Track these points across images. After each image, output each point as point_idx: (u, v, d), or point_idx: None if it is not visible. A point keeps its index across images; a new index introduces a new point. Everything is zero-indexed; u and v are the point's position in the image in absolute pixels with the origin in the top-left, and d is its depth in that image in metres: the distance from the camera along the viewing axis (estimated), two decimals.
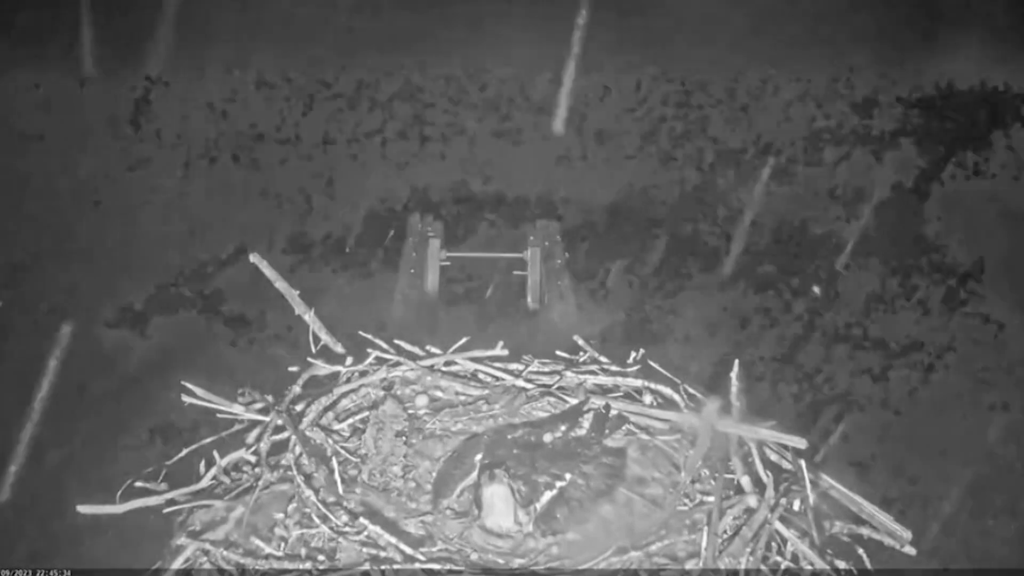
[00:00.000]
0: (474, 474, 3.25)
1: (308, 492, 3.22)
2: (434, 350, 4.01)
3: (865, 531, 3.26)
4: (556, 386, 3.77)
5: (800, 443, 3.41)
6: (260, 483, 3.31)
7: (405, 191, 5.25)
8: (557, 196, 5.34)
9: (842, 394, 3.92)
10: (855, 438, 3.72)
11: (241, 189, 4.82)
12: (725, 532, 3.17)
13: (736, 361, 3.50)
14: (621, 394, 3.77)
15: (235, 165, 4.84)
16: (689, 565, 3.05)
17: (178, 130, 4.87)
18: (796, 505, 3.27)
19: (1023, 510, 3.37)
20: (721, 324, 4.23)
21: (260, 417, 3.62)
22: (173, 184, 4.76)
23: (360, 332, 4.02)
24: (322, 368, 3.86)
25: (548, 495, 3.17)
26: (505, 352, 3.94)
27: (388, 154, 5.29)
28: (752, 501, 3.24)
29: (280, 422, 3.52)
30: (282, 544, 3.11)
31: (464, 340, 3.99)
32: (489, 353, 3.94)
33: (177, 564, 3.06)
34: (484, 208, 5.22)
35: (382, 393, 3.76)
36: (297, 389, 3.73)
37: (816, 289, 3.84)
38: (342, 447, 3.51)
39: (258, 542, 3.08)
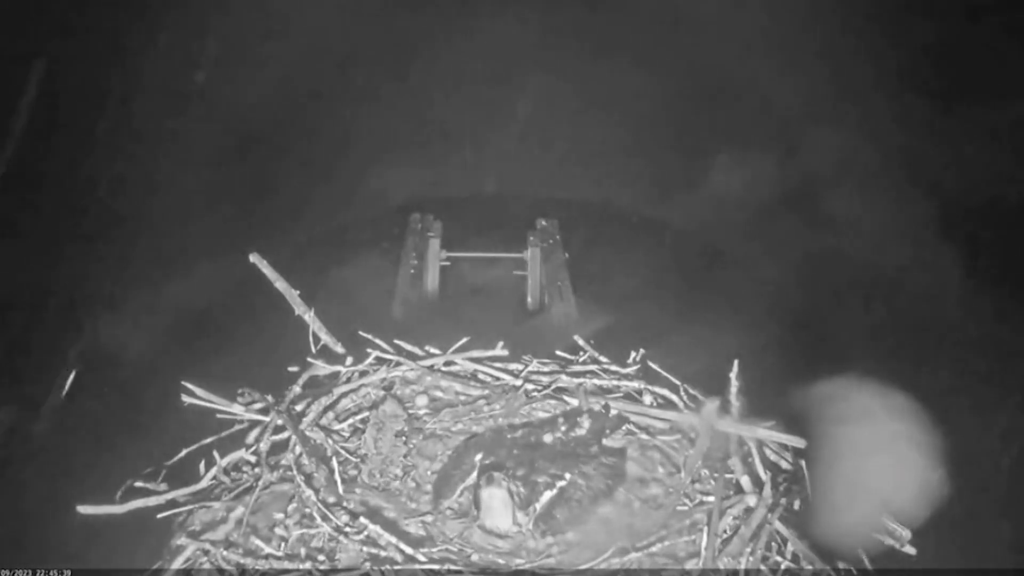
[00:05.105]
0: (474, 474, 3.25)
1: (308, 492, 3.23)
2: (434, 350, 4.02)
3: None
4: (555, 386, 3.78)
5: (800, 443, 3.42)
6: (260, 483, 3.32)
7: (405, 191, 5.25)
8: (557, 196, 5.34)
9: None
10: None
11: (241, 188, 4.81)
12: (725, 532, 3.18)
13: (736, 361, 3.51)
14: (621, 394, 3.78)
15: (235, 163, 4.83)
16: (689, 565, 3.05)
17: (175, 127, 4.86)
18: (796, 505, 3.27)
19: (1021, 510, 3.36)
20: (721, 324, 4.22)
21: (260, 417, 3.63)
22: (172, 183, 4.75)
23: (360, 332, 4.03)
24: (322, 368, 3.87)
25: (548, 495, 3.18)
26: (505, 352, 3.95)
27: (389, 153, 5.29)
28: (752, 501, 3.25)
29: (280, 422, 3.53)
30: (282, 544, 3.11)
31: (464, 340, 3.99)
32: (489, 353, 3.95)
33: (177, 564, 3.06)
34: (484, 208, 5.22)
35: (382, 393, 3.77)
36: (297, 389, 3.74)
37: None
38: (342, 447, 3.52)
39: (258, 542, 3.09)
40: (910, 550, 3.20)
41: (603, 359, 3.99)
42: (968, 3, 4.75)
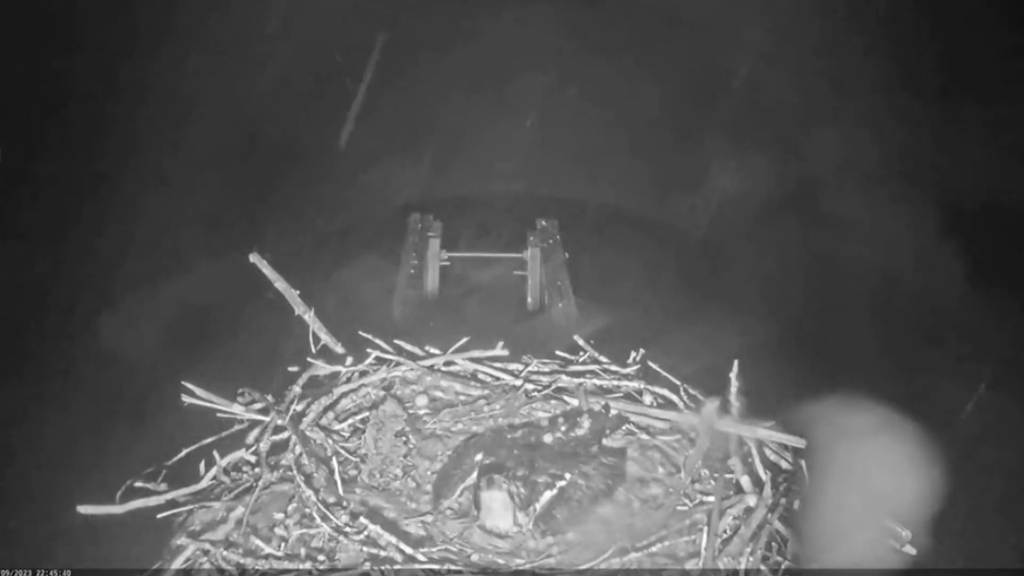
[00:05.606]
0: (474, 474, 3.25)
1: (308, 492, 3.22)
2: (434, 350, 4.02)
3: None
4: (555, 386, 3.78)
5: (800, 443, 3.42)
6: (260, 483, 3.31)
7: (405, 191, 5.25)
8: (557, 196, 5.33)
9: (843, 393, 3.91)
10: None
11: (242, 188, 4.81)
12: (725, 532, 3.18)
13: (736, 361, 3.51)
14: (621, 394, 3.78)
15: (235, 163, 4.83)
16: (689, 565, 3.05)
17: (175, 127, 4.86)
18: (796, 505, 3.27)
19: (1021, 510, 3.36)
20: (721, 324, 4.22)
21: (260, 417, 3.62)
22: (172, 182, 4.75)
23: (360, 332, 4.03)
24: (322, 368, 3.87)
25: (548, 495, 3.18)
26: (505, 352, 3.95)
27: (389, 153, 5.29)
28: (752, 501, 3.25)
29: (280, 422, 3.53)
30: (282, 544, 3.11)
31: (464, 340, 3.99)
32: (489, 353, 3.95)
33: (177, 564, 3.06)
34: (484, 208, 5.22)
35: (382, 393, 3.77)
36: (297, 389, 3.74)
37: None
38: (342, 447, 3.52)
39: (258, 542, 3.09)
40: (910, 550, 3.19)
41: (603, 359, 3.99)
42: (968, 3, 4.75)
